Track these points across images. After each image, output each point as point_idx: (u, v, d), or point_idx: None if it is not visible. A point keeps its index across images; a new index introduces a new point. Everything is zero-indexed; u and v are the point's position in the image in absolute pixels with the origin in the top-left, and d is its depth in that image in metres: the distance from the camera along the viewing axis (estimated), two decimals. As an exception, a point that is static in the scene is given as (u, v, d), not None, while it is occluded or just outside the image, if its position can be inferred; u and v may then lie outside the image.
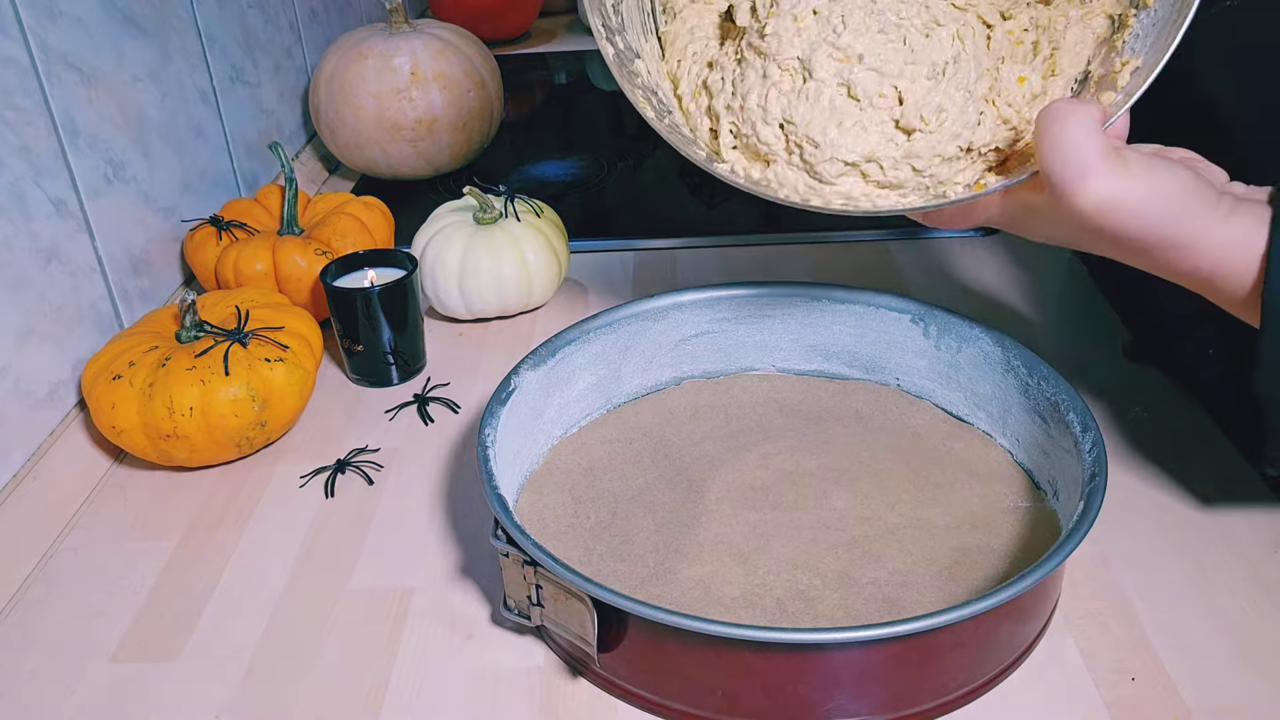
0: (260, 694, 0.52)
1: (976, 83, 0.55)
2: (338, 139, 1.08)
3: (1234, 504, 0.61)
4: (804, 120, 0.55)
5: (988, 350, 0.64)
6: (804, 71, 0.56)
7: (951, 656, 0.48)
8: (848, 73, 0.55)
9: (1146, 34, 0.52)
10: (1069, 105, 0.48)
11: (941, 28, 0.55)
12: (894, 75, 0.54)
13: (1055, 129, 0.47)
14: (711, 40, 0.62)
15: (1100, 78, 0.54)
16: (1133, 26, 0.53)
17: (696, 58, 0.61)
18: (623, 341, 0.69)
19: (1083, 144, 0.46)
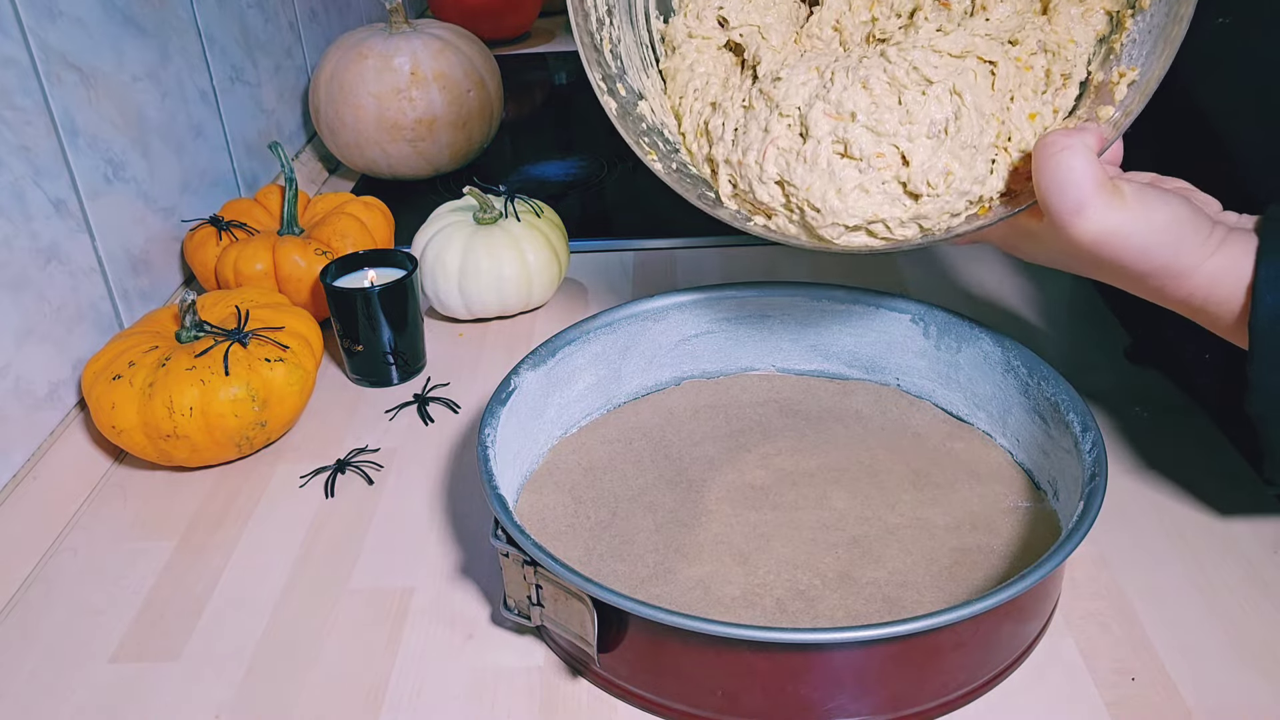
0: (260, 694, 0.52)
1: (982, 134, 0.53)
2: (338, 139, 1.08)
3: (1234, 504, 0.61)
4: (804, 184, 0.54)
5: (988, 350, 0.64)
6: (801, 126, 0.55)
7: (952, 656, 0.48)
8: (842, 130, 0.53)
9: (1143, 40, 0.52)
10: (1065, 136, 0.48)
11: (935, 85, 0.53)
12: (890, 135, 0.53)
13: (1052, 162, 0.48)
14: (714, 78, 0.61)
15: (1099, 85, 0.54)
16: (1130, 29, 0.53)
17: (699, 94, 0.61)
18: (623, 341, 0.69)
19: (1079, 177, 0.47)
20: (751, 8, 0.62)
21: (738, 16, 0.61)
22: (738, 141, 0.57)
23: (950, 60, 0.54)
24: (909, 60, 0.53)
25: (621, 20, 0.61)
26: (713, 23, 0.62)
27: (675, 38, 0.62)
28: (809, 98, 0.54)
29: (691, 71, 0.61)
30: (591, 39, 0.59)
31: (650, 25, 0.63)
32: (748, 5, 0.62)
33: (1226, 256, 0.49)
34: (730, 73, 0.61)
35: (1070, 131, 0.49)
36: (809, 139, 0.54)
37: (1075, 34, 0.56)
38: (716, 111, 0.59)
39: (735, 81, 0.60)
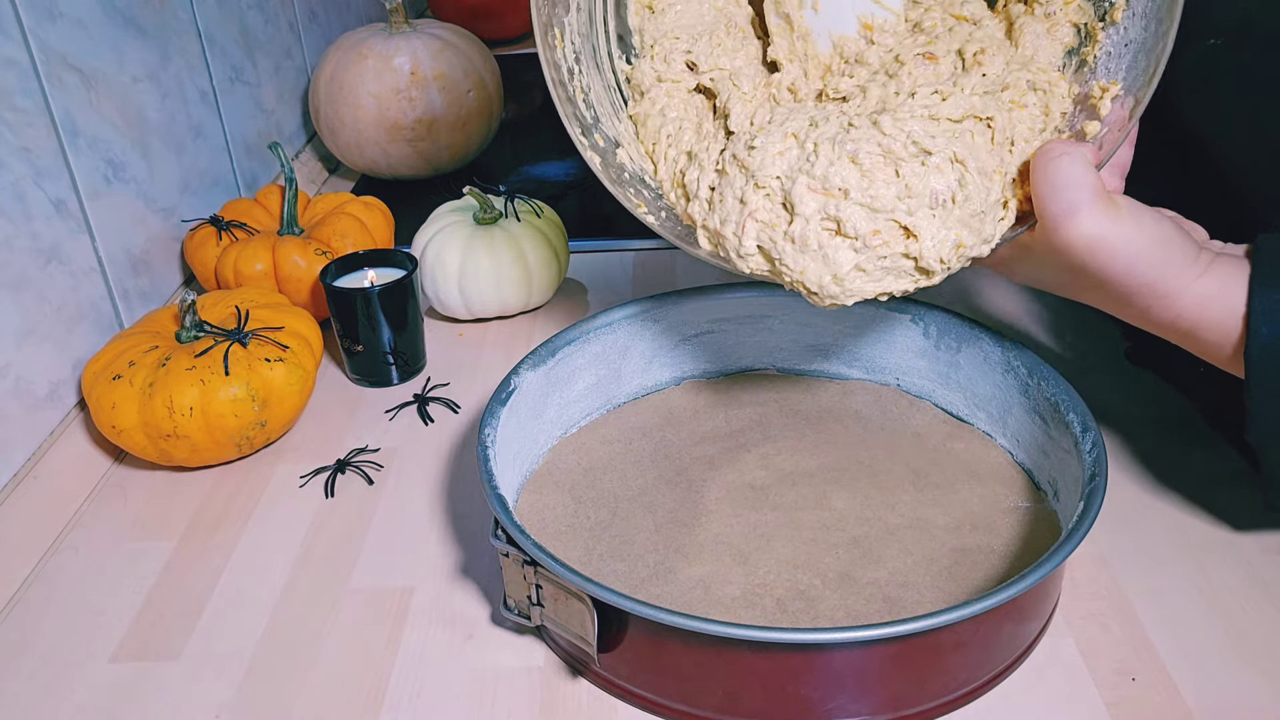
0: (260, 694, 0.52)
1: (988, 195, 0.51)
2: (338, 139, 1.08)
3: (1234, 504, 0.61)
4: (796, 266, 0.51)
5: (988, 350, 0.64)
6: (784, 199, 0.52)
7: (952, 656, 0.48)
8: (833, 208, 0.50)
9: (1120, 55, 0.51)
10: (1064, 145, 0.49)
11: (934, 155, 0.50)
12: (888, 210, 0.50)
13: (1051, 166, 0.48)
14: (686, 123, 0.58)
15: (1078, 97, 0.53)
16: (1102, 42, 0.52)
17: (672, 140, 0.58)
18: (623, 341, 0.69)
19: (1076, 181, 0.48)
20: (720, 51, 0.59)
21: (707, 61, 0.59)
22: (714, 207, 0.54)
23: (949, 125, 0.51)
24: (906, 132, 0.51)
25: (588, 67, 0.59)
26: (681, 66, 0.60)
27: (643, 81, 0.60)
28: (789, 170, 0.51)
29: (663, 116, 0.59)
30: (565, 90, 0.58)
31: (615, 67, 0.61)
32: (716, 49, 0.59)
33: (1214, 280, 0.49)
34: (703, 117, 0.59)
35: (1069, 141, 0.50)
36: (795, 217, 0.51)
37: (1041, 51, 0.54)
38: (692, 163, 0.56)
39: (709, 129, 0.57)
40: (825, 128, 0.52)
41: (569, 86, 0.58)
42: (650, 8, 0.62)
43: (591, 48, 0.60)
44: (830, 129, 0.52)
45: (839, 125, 0.52)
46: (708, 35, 0.60)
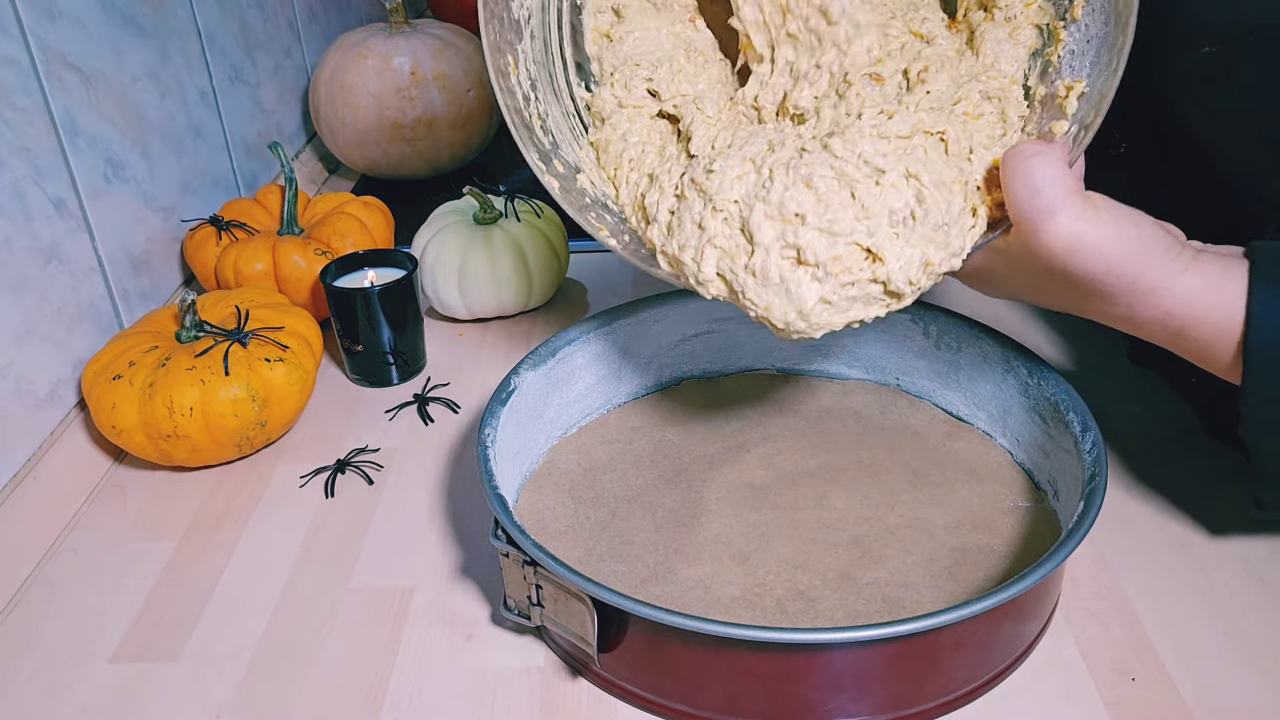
0: (260, 694, 0.52)
1: (950, 206, 0.50)
2: (338, 139, 1.08)
3: (1234, 504, 0.61)
4: (760, 301, 0.50)
5: (988, 350, 0.64)
6: (741, 226, 0.51)
7: (952, 656, 0.48)
8: (791, 235, 0.49)
9: (1083, 51, 0.51)
10: (1035, 145, 0.48)
11: (888, 173, 0.49)
12: (847, 234, 0.49)
13: (1023, 168, 0.47)
14: (649, 146, 0.58)
15: (1044, 97, 0.52)
16: (1065, 41, 0.52)
17: (634, 164, 0.57)
18: (623, 341, 0.69)
19: (1051, 182, 0.47)
20: (682, 78, 0.59)
21: (668, 88, 0.58)
22: (673, 232, 0.53)
23: (899, 142, 0.50)
24: (857, 152, 0.50)
25: (545, 93, 0.59)
26: (642, 92, 0.59)
27: (604, 108, 0.59)
28: (746, 195, 0.51)
29: (625, 141, 0.58)
30: (521, 117, 0.57)
31: (574, 94, 0.60)
32: (677, 75, 0.59)
33: (1200, 275, 0.48)
34: (666, 141, 0.58)
35: (1040, 142, 0.49)
36: (755, 247, 0.50)
37: (1003, 57, 0.54)
38: (653, 185, 0.55)
39: (671, 152, 0.57)
40: (780, 153, 0.51)
41: (525, 113, 0.57)
42: (608, 36, 0.61)
43: (548, 74, 0.59)
44: (785, 154, 0.51)
45: (793, 150, 0.51)
46: (668, 62, 0.59)
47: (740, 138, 0.54)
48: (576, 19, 0.61)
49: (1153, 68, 0.57)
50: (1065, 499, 0.57)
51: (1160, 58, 0.57)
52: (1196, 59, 0.56)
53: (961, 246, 0.50)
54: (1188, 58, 0.55)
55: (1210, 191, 0.59)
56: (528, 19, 0.57)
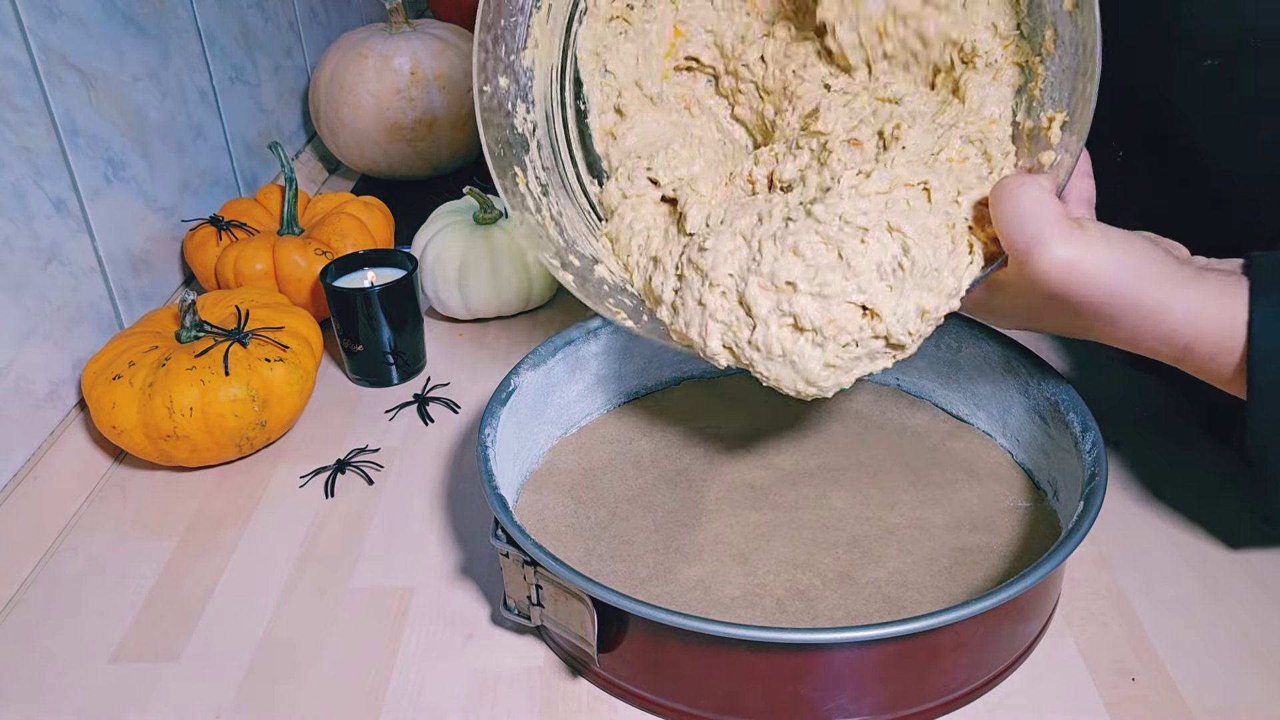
0: (260, 694, 0.52)
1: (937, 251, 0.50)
2: (338, 139, 1.08)
3: (1235, 504, 0.61)
4: (769, 374, 0.52)
5: (988, 350, 0.64)
6: (740, 301, 0.52)
7: (952, 656, 0.48)
8: (786, 304, 0.51)
9: (1060, 83, 0.52)
10: (1021, 177, 0.49)
11: (871, 230, 0.50)
12: (839, 295, 0.50)
13: (1012, 199, 0.48)
14: (654, 230, 0.59)
15: (1030, 131, 0.53)
16: (1043, 75, 0.53)
17: (642, 250, 0.59)
18: (623, 341, 0.69)
19: (1040, 210, 0.47)
20: (677, 162, 0.60)
21: (666, 174, 0.60)
22: (679, 311, 0.55)
23: (879, 199, 0.51)
24: (838, 214, 0.51)
25: (558, 195, 0.61)
26: (644, 181, 0.61)
27: (611, 201, 0.61)
28: (740, 269, 0.52)
29: (632, 229, 0.60)
30: (535, 217, 0.59)
31: (586, 191, 0.63)
32: (673, 161, 0.61)
33: (1202, 292, 0.48)
34: (669, 223, 0.60)
35: (1026, 174, 0.49)
36: (756, 320, 0.52)
37: (990, 100, 0.55)
38: (657, 268, 0.57)
39: (673, 233, 0.58)
40: (768, 224, 0.53)
41: (538, 215, 0.59)
42: (612, 134, 0.64)
43: (559, 177, 0.61)
44: (773, 225, 0.53)
45: (780, 219, 0.53)
46: (664, 149, 0.61)
47: (732, 212, 0.55)
48: (582, 124, 0.63)
49: (1152, 73, 0.57)
50: (1065, 499, 0.57)
51: (1160, 64, 0.57)
52: (1197, 67, 0.56)
53: (957, 288, 0.51)
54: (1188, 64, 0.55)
55: (1210, 199, 0.58)
56: (533, 130, 0.60)
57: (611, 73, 0.64)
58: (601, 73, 0.64)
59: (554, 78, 0.62)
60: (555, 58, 0.62)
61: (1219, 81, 0.55)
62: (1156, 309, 0.48)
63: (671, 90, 0.65)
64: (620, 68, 0.64)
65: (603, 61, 0.63)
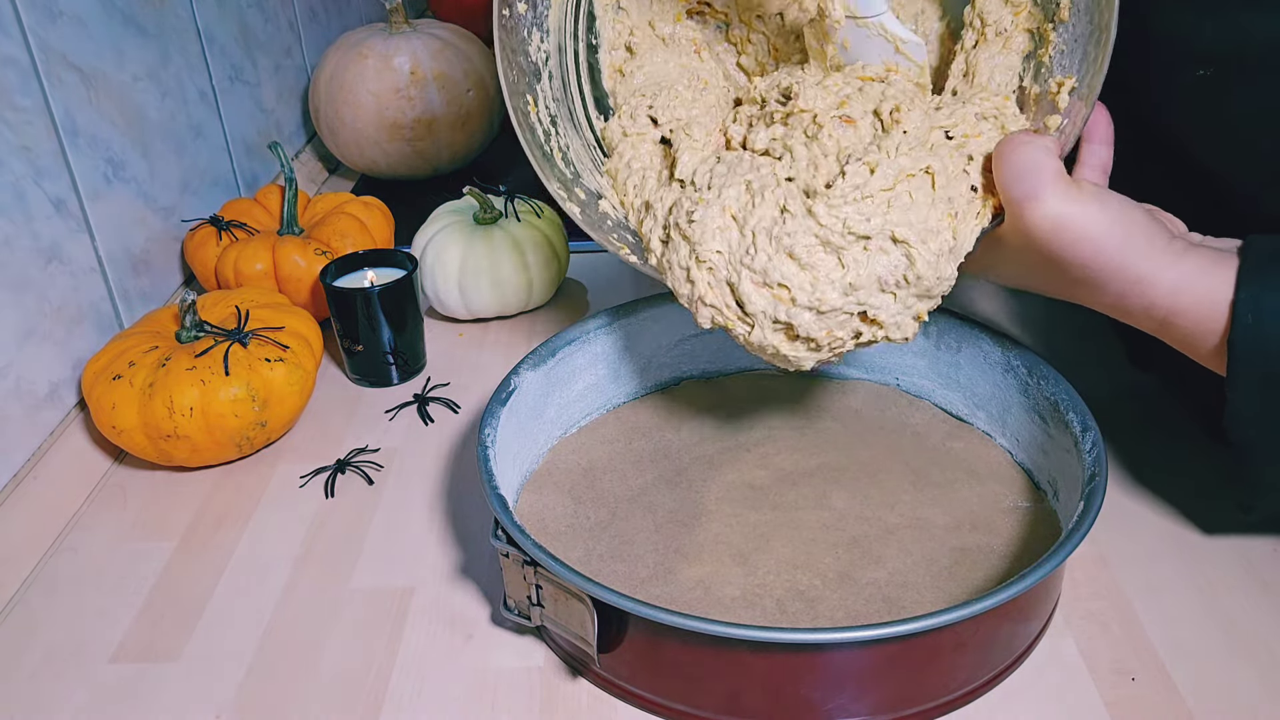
0: (260, 694, 0.52)
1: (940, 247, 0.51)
2: (338, 139, 1.08)
3: (1235, 502, 0.61)
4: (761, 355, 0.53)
5: (987, 350, 0.64)
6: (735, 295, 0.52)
7: (952, 656, 0.48)
8: (783, 313, 0.51)
9: (1071, 50, 0.53)
10: (1025, 135, 0.51)
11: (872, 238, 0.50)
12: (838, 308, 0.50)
13: (1013, 155, 0.50)
14: (649, 172, 0.60)
15: (1038, 95, 0.54)
16: (1054, 41, 0.54)
17: (637, 191, 0.60)
18: (623, 341, 0.69)
19: (1038, 166, 0.49)
20: (678, 103, 0.61)
21: (665, 113, 0.61)
22: (666, 271, 0.55)
23: (883, 196, 0.51)
24: (841, 219, 0.51)
25: (566, 128, 0.62)
26: (645, 120, 0.62)
27: (613, 139, 0.62)
28: (730, 253, 0.52)
29: (630, 168, 0.61)
30: (542, 150, 0.60)
31: (593, 126, 0.64)
32: (674, 101, 0.61)
33: (1187, 268, 0.49)
34: (663, 166, 0.60)
35: (1030, 132, 0.51)
36: (750, 316, 0.52)
37: (999, 69, 0.56)
38: (649, 214, 0.58)
39: (666, 176, 0.59)
40: (761, 209, 0.52)
41: (546, 146, 0.60)
42: (621, 71, 0.65)
43: (568, 110, 0.62)
44: (766, 212, 0.52)
45: (774, 206, 0.52)
46: (668, 89, 0.62)
47: (720, 175, 0.55)
48: (593, 58, 0.64)
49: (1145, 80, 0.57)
50: (1065, 499, 0.57)
51: (1153, 71, 0.57)
52: (1190, 76, 0.56)
53: (952, 273, 0.52)
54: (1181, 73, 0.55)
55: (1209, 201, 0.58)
56: (545, 60, 0.61)
57: (624, 9, 0.64)
58: (615, 9, 0.64)
59: (569, 9, 0.62)
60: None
61: (1213, 91, 0.56)
62: (1140, 278, 0.49)
63: (683, 32, 0.65)
64: (634, 5, 0.64)
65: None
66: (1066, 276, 0.51)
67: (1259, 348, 0.47)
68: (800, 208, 0.52)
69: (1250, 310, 0.47)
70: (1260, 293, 0.47)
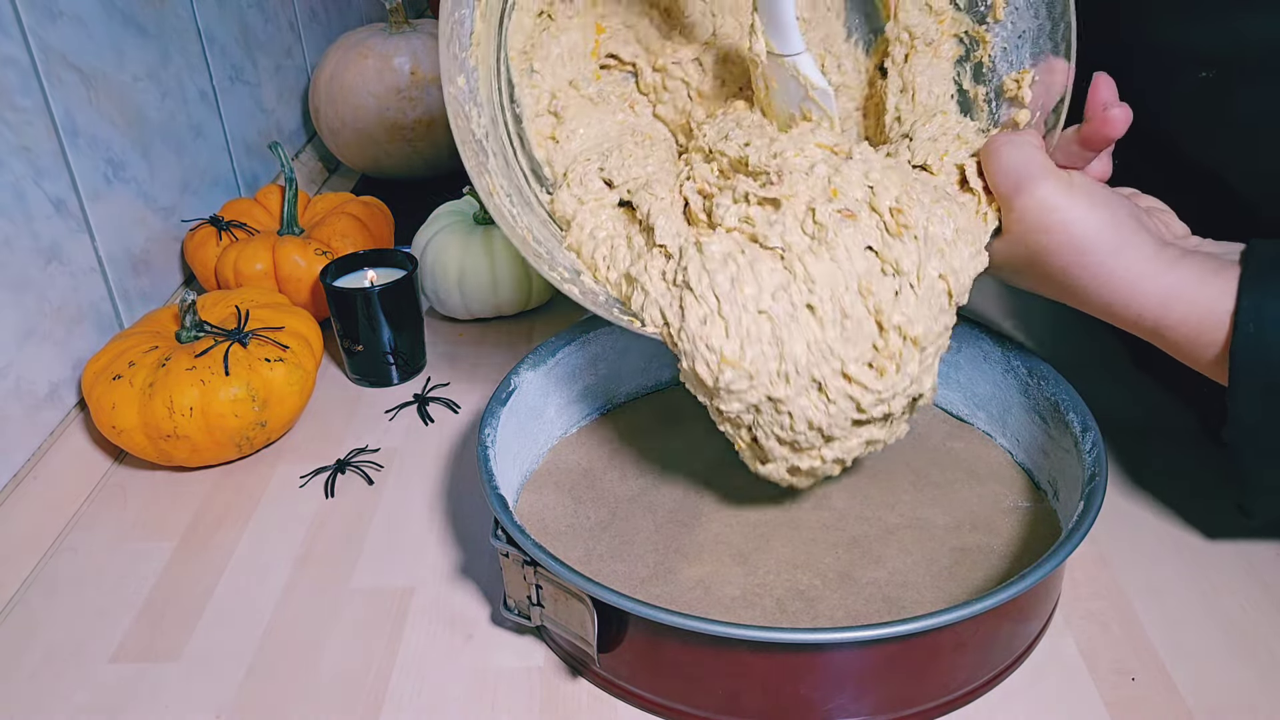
0: (260, 694, 0.52)
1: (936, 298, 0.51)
2: (338, 139, 1.08)
3: (1234, 504, 0.61)
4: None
5: (988, 350, 0.64)
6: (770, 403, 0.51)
7: (952, 656, 0.48)
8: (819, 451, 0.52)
9: (1018, 46, 0.54)
10: (1009, 134, 0.52)
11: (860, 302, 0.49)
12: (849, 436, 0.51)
13: (996, 153, 0.51)
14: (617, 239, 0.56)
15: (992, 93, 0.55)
16: (991, 42, 0.55)
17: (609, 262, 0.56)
18: (623, 341, 0.69)
19: (1024, 159, 0.50)
20: (631, 161, 0.58)
21: (620, 174, 0.58)
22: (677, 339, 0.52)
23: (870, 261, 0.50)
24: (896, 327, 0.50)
25: (521, 209, 0.57)
26: (598, 184, 0.58)
27: (567, 210, 0.58)
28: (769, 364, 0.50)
29: (594, 239, 0.57)
30: (519, 237, 0.55)
31: (541, 202, 0.59)
32: (628, 160, 0.58)
33: (1179, 278, 0.49)
34: (630, 230, 0.57)
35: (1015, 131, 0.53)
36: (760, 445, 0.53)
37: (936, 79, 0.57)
38: (634, 287, 0.54)
39: (639, 242, 0.55)
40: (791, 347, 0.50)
41: (519, 232, 0.55)
42: (554, 138, 0.61)
43: (517, 188, 0.58)
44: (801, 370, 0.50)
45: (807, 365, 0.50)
46: (616, 149, 0.59)
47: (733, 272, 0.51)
48: (519, 129, 0.60)
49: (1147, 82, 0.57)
50: (1065, 499, 0.57)
51: (1155, 74, 0.57)
52: (1193, 78, 0.56)
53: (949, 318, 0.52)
54: (1185, 83, 0.55)
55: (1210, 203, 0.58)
56: (485, 137, 0.56)
57: (538, 72, 0.61)
58: (529, 73, 0.61)
59: (493, 80, 0.58)
60: (492, 57, 0.58)
61: (1214, 94, 0.56)
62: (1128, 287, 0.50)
63: (613, 90, 0.63)
64: (547, 68, 0.61)
65: (530, 61, 0.61)
66: (1054, 280, 0.51)
67: (1261, 357, 0.47)
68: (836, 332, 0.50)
69: (1252, 319, 0.47)
70: (1262, 301, 0.47)
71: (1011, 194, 0.50)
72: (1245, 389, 0.48)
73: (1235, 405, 0.48)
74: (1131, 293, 0.49)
